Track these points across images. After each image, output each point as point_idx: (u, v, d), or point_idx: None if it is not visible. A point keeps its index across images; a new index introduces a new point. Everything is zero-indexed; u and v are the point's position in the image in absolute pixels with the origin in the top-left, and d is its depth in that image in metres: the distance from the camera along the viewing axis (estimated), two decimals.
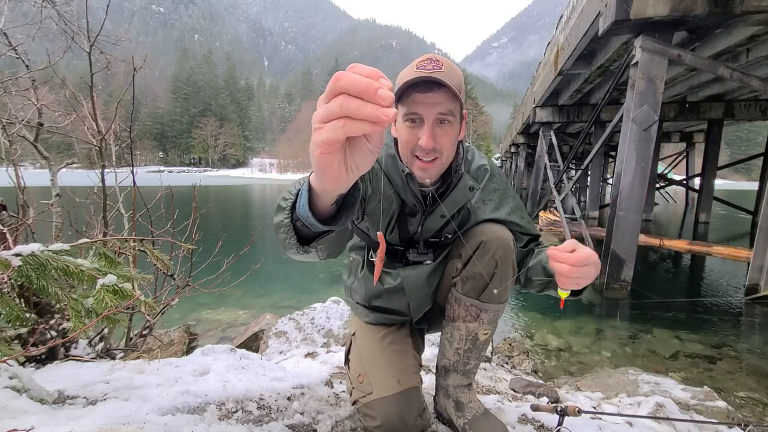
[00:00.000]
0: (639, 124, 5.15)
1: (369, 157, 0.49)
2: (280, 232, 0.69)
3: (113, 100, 2.41)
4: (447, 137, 0.92)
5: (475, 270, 1.08)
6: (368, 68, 0.43)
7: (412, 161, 0.96)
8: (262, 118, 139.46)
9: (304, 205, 0.60)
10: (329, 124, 0.43)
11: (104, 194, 1.98)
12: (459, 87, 0.89)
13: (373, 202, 1.03)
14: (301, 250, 0.68)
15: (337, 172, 0.49)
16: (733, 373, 3.35)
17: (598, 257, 0.86)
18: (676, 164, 21.64)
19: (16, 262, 0.92)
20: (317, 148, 0.46)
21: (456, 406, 1.20)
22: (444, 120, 0.91)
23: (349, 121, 0.42)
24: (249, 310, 4.57)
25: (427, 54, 0.92)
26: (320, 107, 0.44)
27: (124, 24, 18.42)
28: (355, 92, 0.41)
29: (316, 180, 0.55)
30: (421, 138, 0.91)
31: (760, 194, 13.06)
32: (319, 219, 0.61)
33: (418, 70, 0.87)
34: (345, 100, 0.41)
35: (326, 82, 0.59)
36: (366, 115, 0.41)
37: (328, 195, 0.57)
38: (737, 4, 4.59)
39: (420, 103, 0.89)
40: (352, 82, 0.41)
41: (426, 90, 0.87)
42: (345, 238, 0.81)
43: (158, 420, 1.00)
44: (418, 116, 0.90)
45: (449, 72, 0.88)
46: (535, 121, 12.63)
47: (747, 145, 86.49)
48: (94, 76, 1.93)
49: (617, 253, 5.38)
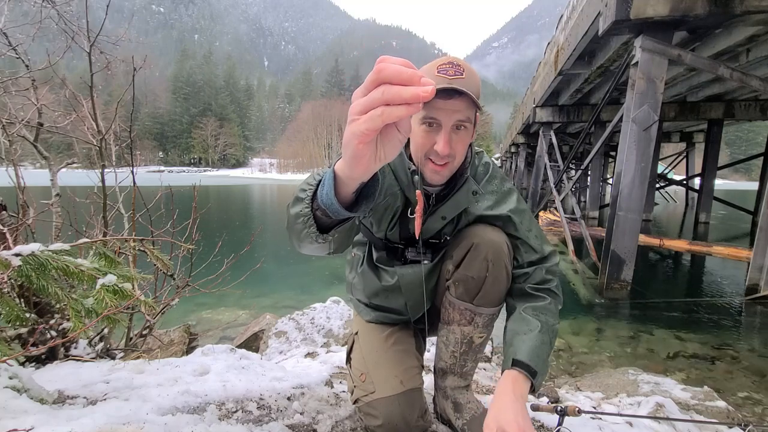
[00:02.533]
0: (639, 124, 5.15)
1: (397, 146, 0.52)
2: (297, 222, 0.70)
3: (113, 100, 2.40)
4: (462, 143, 0.93)
5: (467, 273, 1.07)
6: (401, 59, 0.45)
7: (424, 163, 0.96)
8: (262, 118, 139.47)
9: (329, 193, 0.63)
10: (367, 114, 0.45)
11: (104, 194, 1.98)
12: (477, 94, 0.90)
13: (379, 198, 1.04)
14: (320, 239, 0.70)
15: (368, 161, 0.51)
16: (733, 373, 3.35)
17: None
18: (676, 164, 21.65)
19: (16, 262, 0.92)
20: (355, 138, 0.48)
21: (454, 407, 1.21)
22: (461, 126, 0.91)
23: (387, 109, 0.44)
24: (249, 310, 4.57)
25: (447, 56, 0.92)
26: (357, 99, 0.46)
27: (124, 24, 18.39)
28: (399, 81, 0.43)
29: (345, 168, 0.57)
30: (437, 143, 0.90)
31: (760, 194, 13.05)
32: (342, 206, 0.64)
33: (439, 74, 0.87)
34: (387, 88, 0.44)
35: (326, 82, 0.59)
36: (407, 97, 0.43)
37: (354, 183, 0.60)
38: (737, 4, 4.59)
39: (440, 109, 0.88)
40: (396, 72, 0.43)
41: (447, 97, 0.87)
42: (354, 231, 0.82)
43: (158, 420, 1.00)
44: (436, 121, 0.90)
45: (470, 79, 0.88)
46: (535, 121, 12.62)
47: (747, 145, 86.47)
48: (94, 76, 1.93)
49: (617, 253, 5.37)
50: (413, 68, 0.45)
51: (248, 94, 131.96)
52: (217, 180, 63.47)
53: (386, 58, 0.45)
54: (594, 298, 5.44)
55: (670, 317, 4.81)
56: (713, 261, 7.80)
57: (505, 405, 0.90)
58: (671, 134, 19.47)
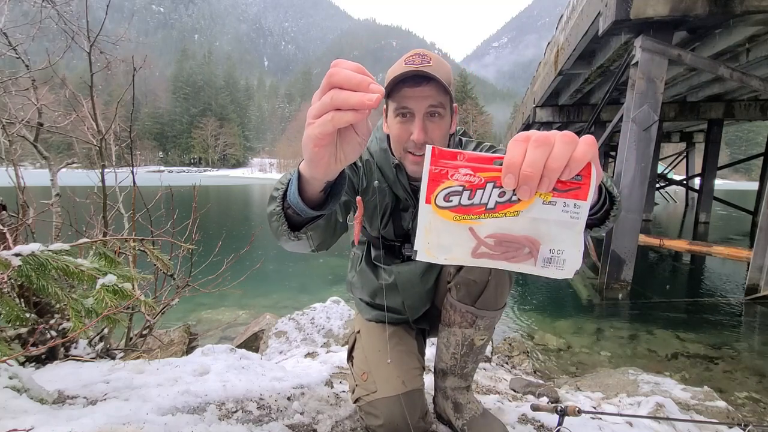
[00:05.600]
0: (639, 124, 5.15)
1: (357, 149, 0.52)
2: (272, 220, 0.72)
3: (113, 100, 2.40)
4: (438, 130, 0.93)
5: (469, 276, 1.06)
6: (354, 63, 0.46)
7: (404, 156, 0.96)
8: (262, 118, 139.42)
9: (294, 192, 0.64)
10: (320, 119, 0.46)
11: (104, 194, 1.98)
12: (448, 80, 0.90)
13: (367, 196, 1.04)
14: (292, 236, 0.71)
15: (328, 163, 0.52)
16: (733, 373, 3.35)
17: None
18: (676, 164, 21.65)
19: (16, 261, 0.92)
20: (310, 142, 0.49)
21: (455, 407, 1.20)
22: (434, 113, 0.91)
23: (337, 114, 0.45)
24: (249, 310, 4.57)
25: (414, 49, 0.92)
26: (314, 102, 0.47)
27: (124, 24, 18.40)
28: (349, 87, 0.44)
29: (307, 169, 0.58)
30: (412, 132, 0.91)
31: (760, 194, 13.05)
32: (309, 205, 0.65)
33: (406, 65, 0.88)
34: (335, 93, 0.44)
35: None
36: (354, 103, 0.44)
37: (318, 182, 0.61)
38: (737, 4, 4.59)
39: (410, 98, 0.89)
40: (346, 78, 0.44)
41: (415, 84, 0.88)
42: (336, 229, 0.83)
43: (158, 420, 1.00)
44: (408, 110, 0.91)
45: (437, 66, 0.88)
46: (535, 121, 12.63)
47: (747, 145, 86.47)
48: (94, 76, 1.93)
49: (617, 253, 5.38)
50: (365, 73, 0.45)
51: (248, 94, 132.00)
52: (217, 180, 63.46)
53: (339, 62, 0.46)
54: (594, 298, 5.45)
55: (670, 317, 4.80)
56: (713, 261, 7.79)
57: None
58: (671, 134, 19.49)
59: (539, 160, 0.42)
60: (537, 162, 0.42)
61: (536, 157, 0.42)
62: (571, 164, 0.42)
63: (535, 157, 0.42)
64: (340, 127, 0.46)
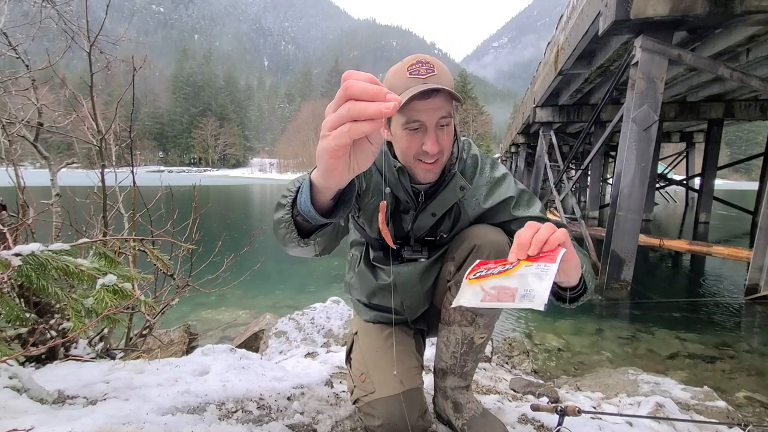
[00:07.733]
0: (639, 124, 5.15)
1: (370, 158, 0.54)
2: (280, 227, 0.72)
3: (113, 100, 2.40)
4: (448, 137, 0.93)
5: None
6: (367, 74, 0.48)
7: (415, 164, 0.95)
8: (262, 118, 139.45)
9: (306, 201, 0.65)
10: (335, 131, 0.47)
11: (104, 194, 1.98)
12: (452, 86, 0.89)
13: (366, 197, 1.04)
14: (302, 243, 0.72)
15: (341, 172, 0.54)
16: (733, 373, 3.35)
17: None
18: (676, 164, 21.65)
19: (16, 261, 0.92)
20: (326, 153, 0.50)
21: (454, 407, 1.20)
22: (444, 123, 0.91)
23: (354, 125, 0.46)
24: (249, 310, 4.57)
25: (414, 56, 0.90)
26: (329, 114, 0.48)
27: (124, 24, 18.43)
28: (365, 98, 0.46)
29: (320, 178, 0.59)
30: (426, 144, 0.90)
31: (760, 194, 13.05)
32: (320, 213, 0.66)
33: (411, 76, 0.86)
34: (352, 104, 0.46)
35: (326, 82, 0.60)
36: (372, 113, 0.45)
37: (330, 191, 0.62)
38: (737, 4, 4.59)
39: (421, 111, 0.87)
40: (362, 90, 0.46)
41: (425, 97, 0.86)
42: (339, 233, 0.85)
43: (158, 420, 1.00)
44: (420, 123, 0.89)
45: (441, 73, 0.87)
46: (535, 121, 12.62)
47: (747, 145, 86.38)
48: (94, 76, 1.93)
49: (617, 253, 5.37)
50: (378, 84, 0.47)
51: (248, 94, 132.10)
52: (217, 180, 63.47)
53: (352, 74, 0.47)
54: (594, 298, 5.45)
55: (670, 317, 4.81)
56: (713, 261, 7.80)
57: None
58: (671, 134, 19.48)
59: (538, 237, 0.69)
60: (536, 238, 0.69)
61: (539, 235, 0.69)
62: (550, 240, 0.68)
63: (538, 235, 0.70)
64: (357, 138, 0.47)
